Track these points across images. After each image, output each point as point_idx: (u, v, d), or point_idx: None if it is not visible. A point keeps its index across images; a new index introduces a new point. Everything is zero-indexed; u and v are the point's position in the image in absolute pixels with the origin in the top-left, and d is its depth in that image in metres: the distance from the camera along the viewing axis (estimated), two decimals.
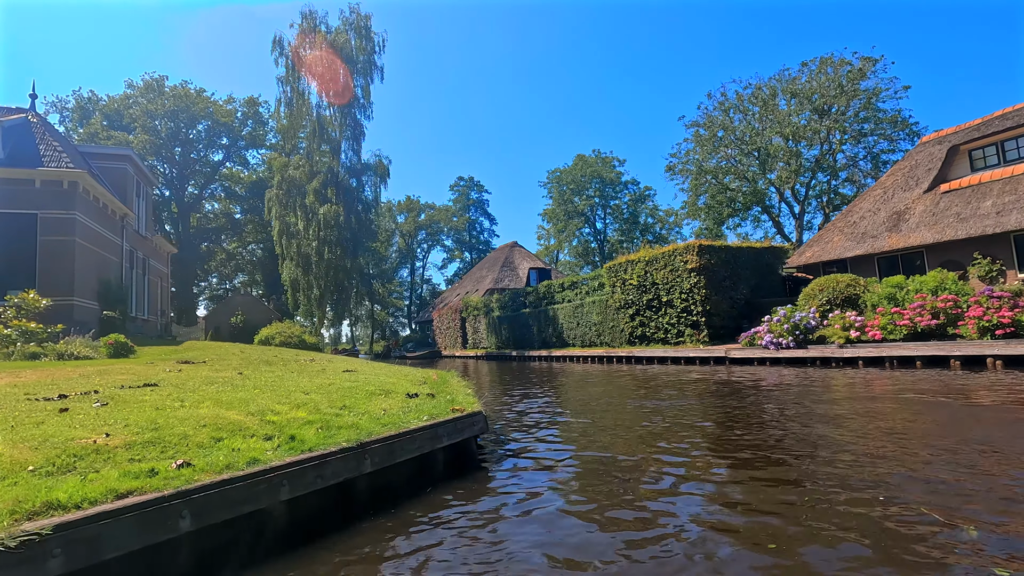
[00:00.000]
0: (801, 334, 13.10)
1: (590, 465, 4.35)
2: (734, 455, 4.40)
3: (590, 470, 4.20)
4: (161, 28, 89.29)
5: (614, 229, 60.89)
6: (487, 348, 30.34)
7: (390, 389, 5.79)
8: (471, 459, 4.46)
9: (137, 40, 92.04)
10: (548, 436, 5.71)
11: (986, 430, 4.87)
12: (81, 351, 11.51)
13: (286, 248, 29.43)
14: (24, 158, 16.87)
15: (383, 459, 3.53)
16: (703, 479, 3.80)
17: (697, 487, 3.61)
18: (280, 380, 6.45)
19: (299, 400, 4.75)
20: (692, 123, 43.16)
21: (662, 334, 17.40)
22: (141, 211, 24.44)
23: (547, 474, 4.14)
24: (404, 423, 3.99)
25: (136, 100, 42.25)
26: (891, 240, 16.48)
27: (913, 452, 4.16)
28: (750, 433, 5.24)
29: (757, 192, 41.90)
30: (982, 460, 3.85)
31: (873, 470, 3.73)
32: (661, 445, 4.83)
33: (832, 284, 14.58)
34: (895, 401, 6.81)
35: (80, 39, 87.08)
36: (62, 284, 16.56)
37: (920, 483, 3.42)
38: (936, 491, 3.25)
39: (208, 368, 8.08)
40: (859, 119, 38.08)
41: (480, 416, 4.60)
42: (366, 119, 31.34)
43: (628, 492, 3.54)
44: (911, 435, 4.80)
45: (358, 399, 4.99)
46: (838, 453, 4.25)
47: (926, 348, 10.77)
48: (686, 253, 16.37)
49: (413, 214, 66.79)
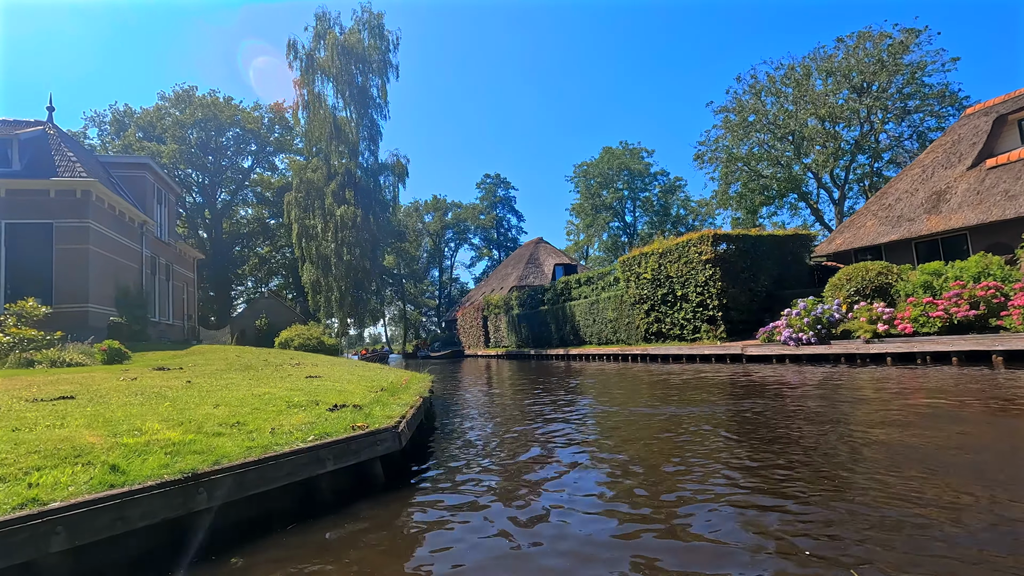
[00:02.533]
0: (824, 328, 11.98)
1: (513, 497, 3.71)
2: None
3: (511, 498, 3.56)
4: (189, 39, 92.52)
5: (644, 222, 59.29)
6: (507, 347, 29.80)
7: (321, 400, 5.28)
8: (374, 484, 3.89)
9: (170, 52, 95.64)
10: (492, 443, 5.08)
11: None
12: (75, 358, 11.51)
13: (305, 250, 29.63)
14: (40, 169, 17.30)
15: (231, 491, 2.99)
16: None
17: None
18: (222, 390, 6.06)
19: (198, 415, 4.30)
20: (721, 108, 41.40)
21: (678, 330, 16.43)
22: (163, 218, 24.94)
23: (465, 513, 3.53)
24: (276, 445, 3.45)
25: (168, 111, 43.56)
26: (930, 223, 15.00)
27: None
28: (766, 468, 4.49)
29: (792, 178, 39.79)
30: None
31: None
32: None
33: (861, 273, 13.33)
34: (935, 415, 5.29)
35: (117, 54, 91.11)
36: (77, 291, 16.88)
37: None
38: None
39: (170, 376, 7.79)
40: (903, 95, 35.56)
41: (389, 433, 4.02)
42: (382, 119, 31.25)
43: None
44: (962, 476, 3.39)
45: (265, 414, 4.50)
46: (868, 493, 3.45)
47: (963, 343, 9.57)
48: (700, 243, 15.36)
49: (440, 213, 66.83)
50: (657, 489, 3.50)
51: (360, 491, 3.79)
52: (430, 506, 3.53)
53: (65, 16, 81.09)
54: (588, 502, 3.33)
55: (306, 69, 29.31)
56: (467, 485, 3.95)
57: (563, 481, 3.87)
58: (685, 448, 4.61)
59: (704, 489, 3.42)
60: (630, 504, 3.26)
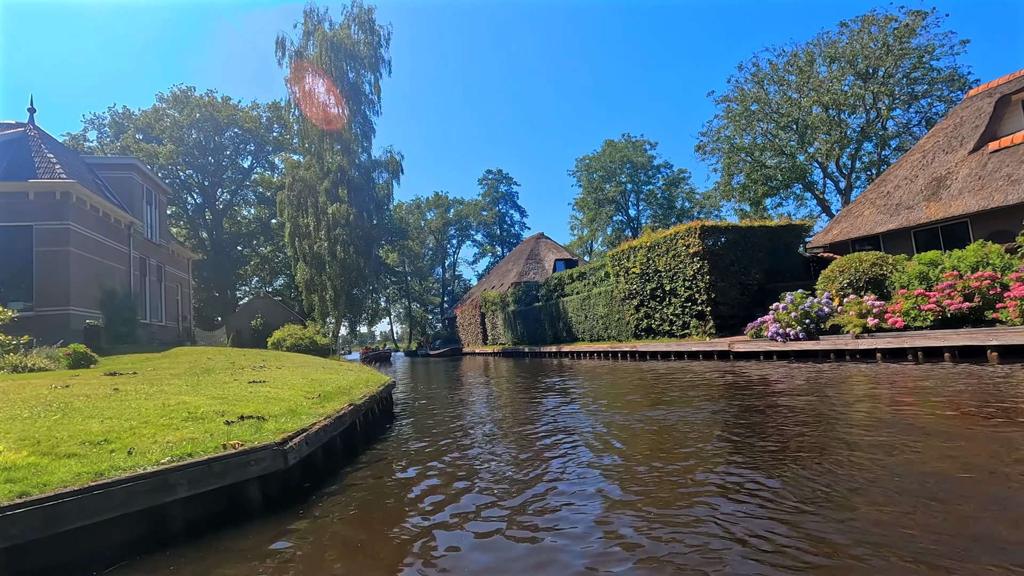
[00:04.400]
0: (812, 323, 11.41)
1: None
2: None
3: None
4: (186, 41, 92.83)
5: (648, 215, 58.48)
6: (504, 344, 29.40)
7: (232, 411, 4.89)
8: (250, 509, 3.49)
9: (168, 55, 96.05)
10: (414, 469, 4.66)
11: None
12: (39, 363, 11.25)
13: (299, 249, 29.38)
14: (19, 171, 17.10)
15: (35, 528, 2.60)
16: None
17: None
18: (142, 399, 5.68)
19: (70, 432, 3.94)
20: (723, 98, 40.52)
21: (667, 326, 15.90)
22: (152, 219, 24.74)
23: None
24: (116, 470, 3.06)
25: (166, 112, 43.54)
26: (929, 210, 14.30)
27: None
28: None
29: (797, 168, 38.84)
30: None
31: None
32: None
33: (854, 264, 12.72)
34: (924, 429, 4.53)
35: (115, 55, 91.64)
36: (58, 294, 16.67)
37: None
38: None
39: (114, 382, 7.47)
40: (910, 80, 34.49)
41: (268, 452, 3.62)
42: (375, 115, 30.81)
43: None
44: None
45: (152, 429, 4.12)
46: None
47: (956, 337, 9.00)
48: (687, 236, 14.80)
49: (441, 210, 66.45)
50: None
51: (233, 517, 3.40)
52: (306, 536, 3.12)
53: (74, 18, 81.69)
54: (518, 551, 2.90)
55: (296, 67, 28.98)
56: (359, 512, 3.53)
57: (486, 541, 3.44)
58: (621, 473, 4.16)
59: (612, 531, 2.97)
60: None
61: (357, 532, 3.16)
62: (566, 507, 3.23)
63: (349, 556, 2.81)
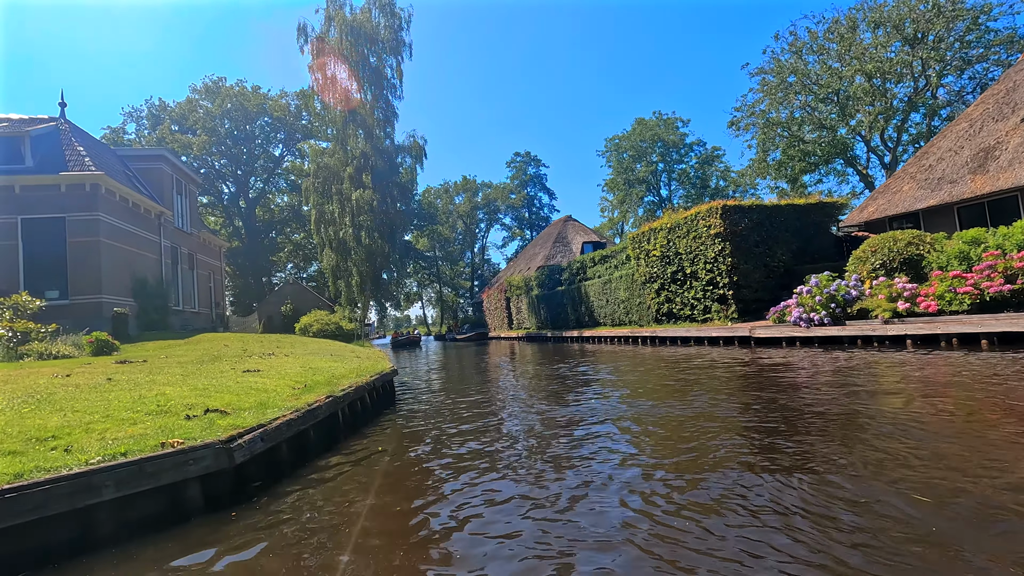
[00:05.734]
0: (838, 307, 10.73)
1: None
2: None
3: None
4: (222, 37, 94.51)
5: (680, 195, 56.82)
6: (528, 328, 29.19)
7: (198, 404, 4.81)
8: (190, 510, 3.38)
9: (206, 50, 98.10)
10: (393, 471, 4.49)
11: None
12: (63, 350, 11.65)
13: (324, 235, 29.70)
14: (51, 164, 17.69)
15: None
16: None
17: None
18: (129, 389, 5.71)
19: (26, 427, 3.91)
20: (758, 70, 38.68)
21: (688, 310, 15.33)
22: (183, 208, 25.38)
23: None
24: (38, 471, 2.97)
25: (199, 104, 44.53)
26: (975, 184, 13.19)
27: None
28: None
29: (838, 142, 36.83)
30: None
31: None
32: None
33: (888, 243, 11.88)
34: (958, 433, 3.88)
35: (160, 51, 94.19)
36: (90, 283, 17.27)
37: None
38: None
39: (119, 370, 7.61)
40: (964, 44, 32.01)
41: (209, 451, 3.49)
42: (397, 99, 30.65)
43: None
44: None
45: (111, 424, 4.07)
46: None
47: (995, 322, 8.25)
48: (709, 216, 14.13)
49: (469, 194, 66.20)
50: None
51: (166, 521, 3.28)
52: (242, 535, 2.98)
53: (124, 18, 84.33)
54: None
55: (317, 52, 29.00)
56: (295, 519, 3.37)
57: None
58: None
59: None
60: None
61: (282, 546, 2.97)
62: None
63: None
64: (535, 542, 2.64)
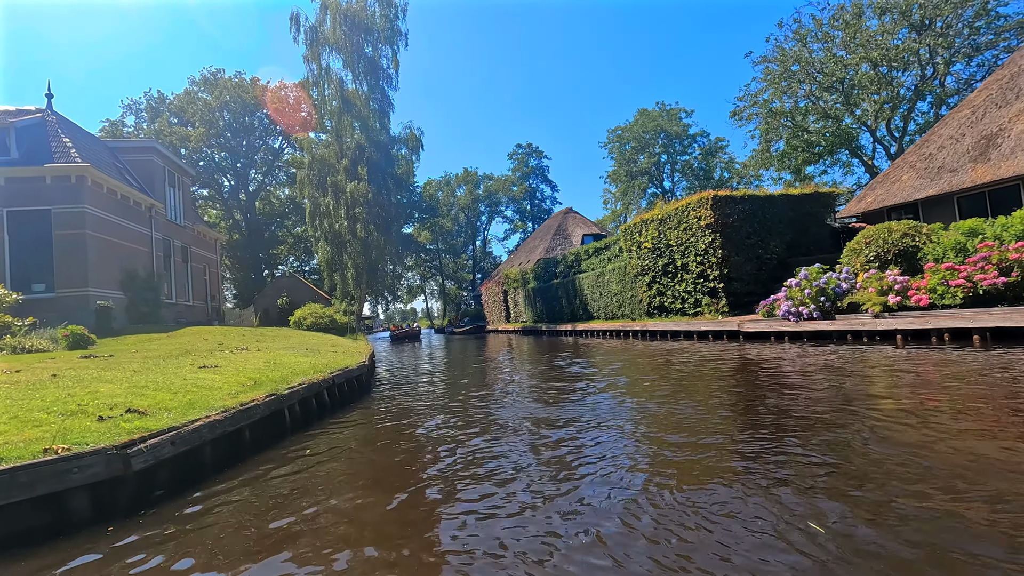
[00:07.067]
0: (828, 301, 10.36)
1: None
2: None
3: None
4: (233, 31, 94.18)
5: (683, 187, 56.16)
6: (524, 322, 28.92)
7: (120, 404, 4.57)
8: (72, 521, 3.12)
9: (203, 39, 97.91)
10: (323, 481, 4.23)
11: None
12: (38, 344, 11.49)
13: (319, 228, 29.51)
14: (37, 156, 17.51)
15: None
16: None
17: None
18: (71, 385, 5.48)
19: None
20: (761, 59, 37.89)
21: (679, 304, 14.98)
22: (176, 200, 25.17)
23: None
24: None
25: (197, 96, 44.32)
26: (975, 173, 12.72)
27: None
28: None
29: (842, 132, 36.12)
30: None
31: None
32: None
33: (883, 234, 11.46)
34: (951, 448, 3.32)
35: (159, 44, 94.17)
36: (77, 276, 17.10)
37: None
38: None
39: (75, 365, 7.41)
40: (973, 30, 31.17)
41: (99, 457, 3.23)
42: (393, 90, 30.30)
43: None
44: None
45: (11, 426, 3.82)
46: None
47: (988, 317, 7.87)
48: (699, 207, 13.74)
49: (471, 186, 65.75)
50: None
51: (57, 531, 3.03)
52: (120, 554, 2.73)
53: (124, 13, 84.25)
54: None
55: (311, 42, 28.67)
56: (177, 538, 3.11)
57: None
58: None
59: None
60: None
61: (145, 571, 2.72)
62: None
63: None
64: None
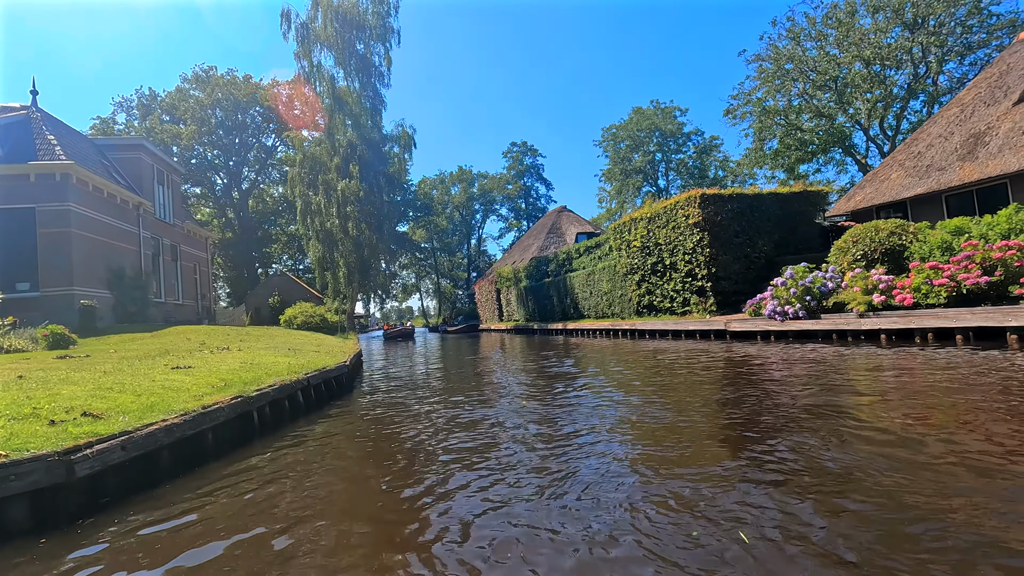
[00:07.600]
0: (813, 300, 10.30)
1: None
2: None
3: None
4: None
5: (678, 186, 56.15)
6: (516, 320, 28.84)
7: (77, 407, 4.46)
8: (12, 529, 3.02)
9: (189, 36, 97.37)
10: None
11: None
12: (16, 344, 11.35)
13: (311, 227, 29.32)
14: (21, 153, 17.30)
15: None
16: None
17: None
18: (32, 387, 5.37)
19: None
20: (755, 57, 37.85)
21: (668, 303, 14.92)
22: (165, 198, 24.97)
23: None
24: None
25: (189, 93, 44.02)
26: (963, 171, 12.68)
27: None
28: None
29: (835, 130, 36.12)
30: None
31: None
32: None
33: (870, 233, 11.41)
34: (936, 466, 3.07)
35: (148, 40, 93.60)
36: (61, 275, 16.91)
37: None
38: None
39: (33, 368, 7.25)
40: (965, 29, 31.20)
41: (39, 464, 3.13)
42: (385, 87, 30.09)
43: None
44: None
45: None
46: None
47: (971, 317, 7.82)
48: (687, 206, 13.68)
49: (465, 184, 65.57)
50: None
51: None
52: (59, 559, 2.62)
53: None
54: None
55: (302, 39, 28.46)
56: (113, 552, 3.01)
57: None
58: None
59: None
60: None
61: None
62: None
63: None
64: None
